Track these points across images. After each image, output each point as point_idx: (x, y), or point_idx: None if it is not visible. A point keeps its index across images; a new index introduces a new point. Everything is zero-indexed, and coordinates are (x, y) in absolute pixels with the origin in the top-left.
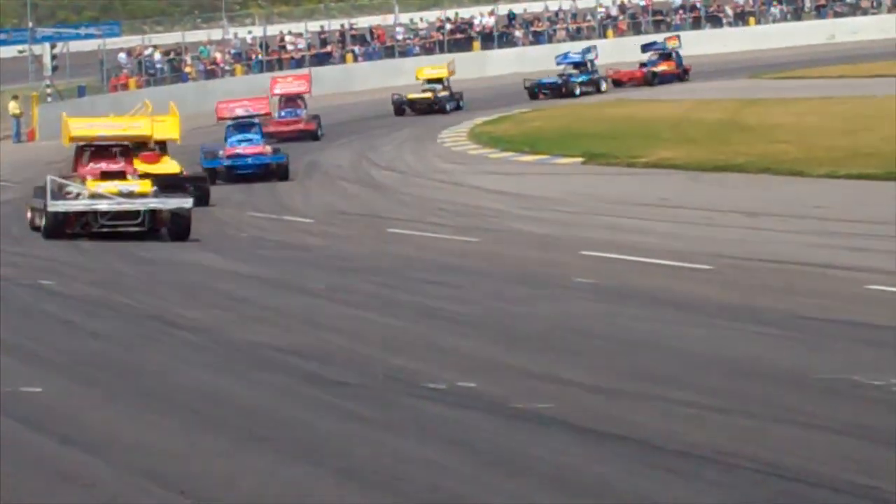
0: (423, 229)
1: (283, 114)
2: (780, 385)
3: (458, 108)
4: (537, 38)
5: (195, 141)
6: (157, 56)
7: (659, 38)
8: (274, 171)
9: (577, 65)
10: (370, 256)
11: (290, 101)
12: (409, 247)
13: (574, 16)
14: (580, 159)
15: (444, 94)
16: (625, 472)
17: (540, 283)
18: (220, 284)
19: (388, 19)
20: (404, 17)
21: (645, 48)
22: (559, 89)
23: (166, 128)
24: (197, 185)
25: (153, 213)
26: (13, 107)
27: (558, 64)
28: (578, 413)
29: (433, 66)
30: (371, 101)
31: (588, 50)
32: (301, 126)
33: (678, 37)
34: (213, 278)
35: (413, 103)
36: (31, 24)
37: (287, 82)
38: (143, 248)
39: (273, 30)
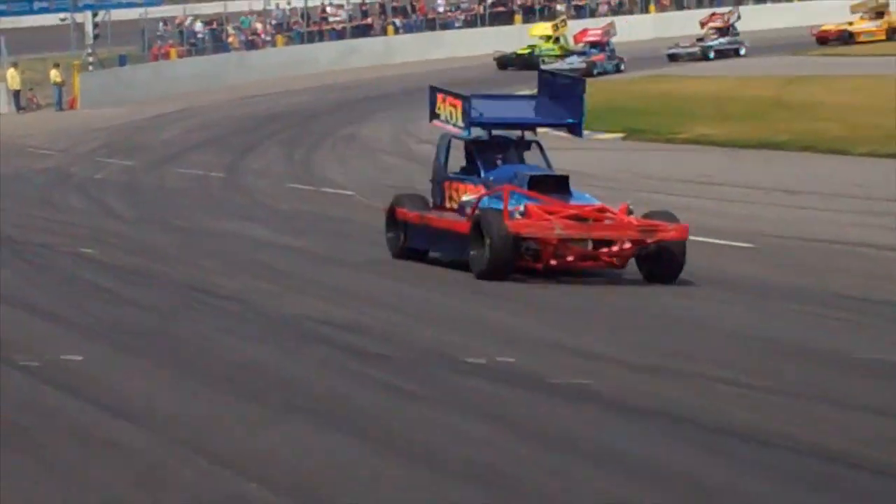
0: None
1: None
2: (821, 365)
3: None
4: (579, 12)
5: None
6: (199, 26)
7: (703, 14)
8: None
9: None
10: None
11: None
12: None
13: None
14: (621, 134)
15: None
16: (663, 449)
17: None
18: (261, 256)
19: None
20: None
21: None
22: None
23: None
24: None
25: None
26: (54, 75)
27: None
28: (617, 389)
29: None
30: (411, 74)
31: None
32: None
33: None
34: (253, 249)
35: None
36: None
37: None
38: (182, 218)
39: (314, 1)
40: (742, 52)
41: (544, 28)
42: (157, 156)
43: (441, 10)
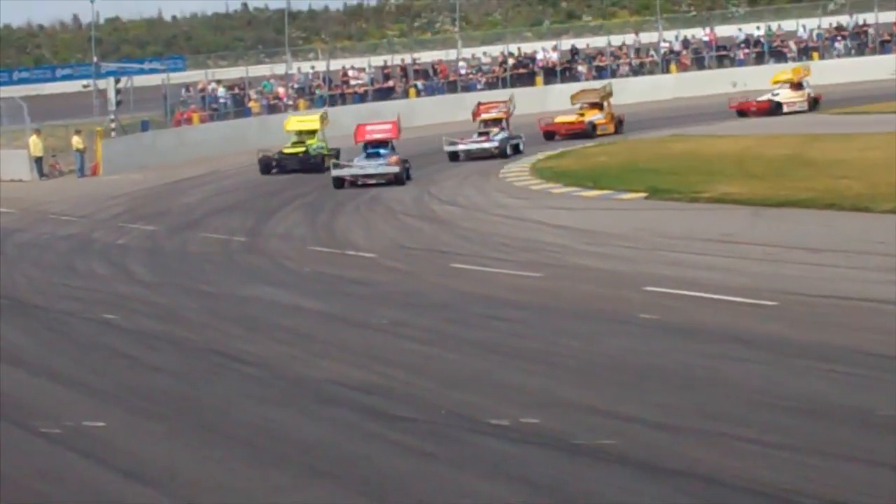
0: (485, 264)
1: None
2: (846, 422)
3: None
4: (600, 74)
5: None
6: (221, 91)
7: (725, 74)
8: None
9: None
10: (433, 291)
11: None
12: (471, 282)
13: (637, 51)
14: (643, 194)
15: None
16: None
17: (603, 318)
18: (283, 319)
19: (451, 54)
20: (467, 52)
21: None
22: None
23: None
24: None
25: None
26: (76, 141)
27: None
28: (641, 450)
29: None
30: (433, 136)
31: None
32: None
33: None
34: (275, 313)
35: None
36: (95, 59)
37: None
38: (205, 283)
39: (336, 64)
40: (521, 147)
41: (309, 121)
42: (180, 220)
43: (463, 72)
